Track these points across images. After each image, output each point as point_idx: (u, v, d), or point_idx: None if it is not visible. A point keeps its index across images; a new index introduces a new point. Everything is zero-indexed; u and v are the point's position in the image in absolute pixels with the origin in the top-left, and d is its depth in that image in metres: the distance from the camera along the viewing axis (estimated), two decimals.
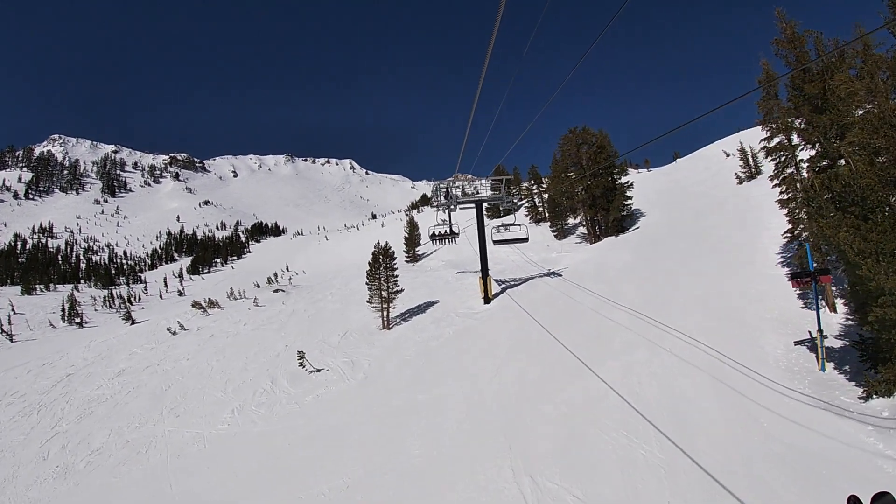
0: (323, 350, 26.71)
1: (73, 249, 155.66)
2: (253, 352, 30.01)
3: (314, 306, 39.03)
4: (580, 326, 22.19)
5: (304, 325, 33.50)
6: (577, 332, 21.61)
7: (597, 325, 22.12)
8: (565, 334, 21.20)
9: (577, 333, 21.39)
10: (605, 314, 23.23)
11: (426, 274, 42.82)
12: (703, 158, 65.28)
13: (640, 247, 36.84)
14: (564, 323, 23.01)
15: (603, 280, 29.45)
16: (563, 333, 21.30)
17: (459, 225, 34.36)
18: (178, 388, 27.04)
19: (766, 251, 27.62)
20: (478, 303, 28.91)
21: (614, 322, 22.06)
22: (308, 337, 30.14)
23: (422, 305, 31.36)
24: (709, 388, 15.72)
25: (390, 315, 28.69)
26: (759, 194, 40.41)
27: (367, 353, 24.72)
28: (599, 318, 22.92)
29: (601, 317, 22.98)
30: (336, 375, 22.60)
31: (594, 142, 47.06)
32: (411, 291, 35.91)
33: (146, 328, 44.74)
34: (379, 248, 28.11)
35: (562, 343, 19.84)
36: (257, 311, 41.41)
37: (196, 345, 35.01)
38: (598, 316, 23.19)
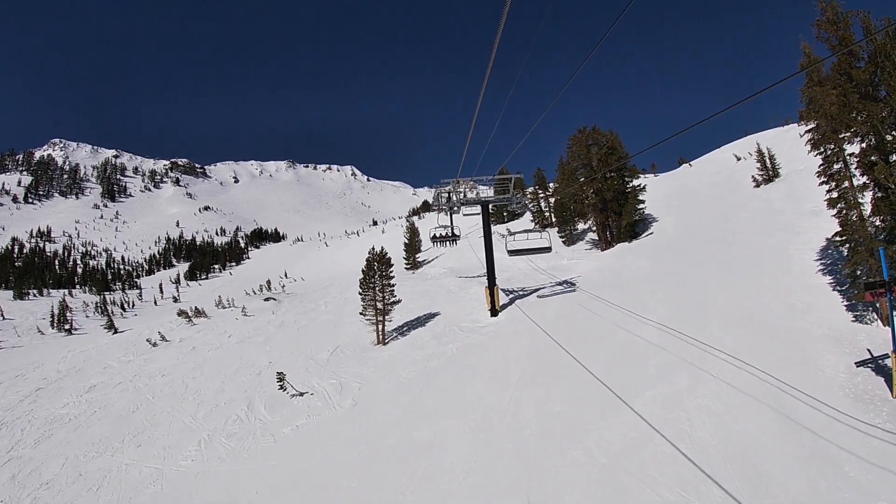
0: (309, 369, 23.46)
1: (70, 254, 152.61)
2: (233, 369, 26.79)
3: (305, 317, 35.78)
4: (604, 345, 18.95)
5: (292, 338, 30.25)
6: (601, 352, 18.38)
7: (624, 343, 18.90)
8: (588, 355, 18.00)
9: (602, 354, 18.17)
10: (631, 330, 20.04)
11: (426, 282, 39.61)
12: (711, 162, 62.18)
13: (659, 253, 33.66)
14: (585, 341, 19.78)
15: (623, 290, 26.27)
16: (585, 354, 18.10)
17: (461, 228, 31.63)
18: (147, 411, 23.91)
19: (802, 258, 24.56)
20: (484, 315, 25.69)
21: (643, 340, 18.86)
22: (295, 352, 26.91)
23: (421, 318, 28.11)
24: (773, 426, 12.64)
25: (386, 329, 25.46)
26: (779, 197, 37.62)
27: (358, 373, 21.45)
28: (625, 334, 19.71)
29: (627, 333, 19.78)
30: (321, 401, 19.32)
31: (604, 142, 44.01)
32: (410, 301, 32.68)
33: (127, 338, 41.58)
34: (374, 253, 24.91)
35: (585, 367, 16.64)
36: (245, 321, 38.17)
37: (175, 358, 31.84)
38: (624, 332, 19.99)
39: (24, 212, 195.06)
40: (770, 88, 5.51)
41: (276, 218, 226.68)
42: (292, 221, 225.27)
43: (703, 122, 6.38)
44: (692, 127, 7.06)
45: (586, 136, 44.19)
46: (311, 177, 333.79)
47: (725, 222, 37.29)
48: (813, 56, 20.87)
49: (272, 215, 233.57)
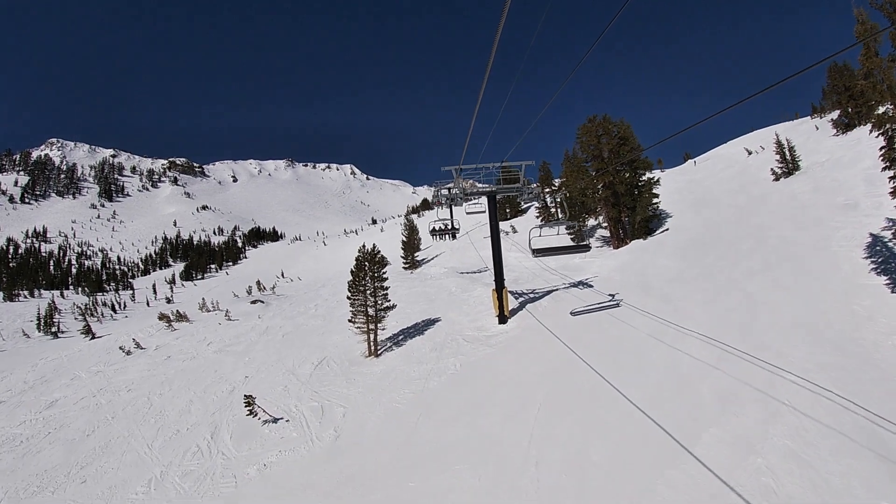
0: (288, 386, 19.88)
1: (66, 254, 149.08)
2: (205, 384, 23.29)
3: (292, 322, 32.20)
4: (642, 364, 15.36)
5: (274, 348, 26.69)
6: (639, 373, 14.80)
7: (666, 361, 15.32)
8: (624, 377, 14.44)
9: (640, 376, 14.59)
10: (672, 343, 16.50)
11: (426, 283, 36.01)
12: (718, 158, 58.73)
13: (683, 251, 30.13)
14: (617, 357, 16.19)
15: (651, 293, 22.72)
16: (619, 375, 14.54)
17: (460, 223, 28.42)
18: (103, 434, 20.51)
19: (850, 256, 21.17)
20: (491, 322, 22.09)
21: (690, 357, 15.31)
22: (275, 365, 23.34)
23: (419, 324, 24.52)
24: (880, 475, 9.22)
25: (379, 338, 21.90)
26: (804, 190, 34.38)
27: (343, 394, 17.84)
28: (665, 349, 16.14)
29: (667, 348, 16.21)
30: (297, 431, 15.73)
31: (616, 132, 40.41)
32: (407, 305, 29.11)
33: (104, 345, 38.11)
34: (365, 252, 21.30)
35: (624, 394, 13.05)
36: (228, 326, 34.60)
37: (146, 370, 28.36)
38: (663, 346, 16.43)
39: (20, 212, 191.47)
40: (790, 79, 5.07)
41: (275, 217, 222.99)
42: (291, 220, 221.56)
43: (713, 118, 6.16)
44: (705, 120, 6.71)
45: (597, 126, 40.64)
46: (310, 176, 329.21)
47: (750, 217, 33.97)
48: (870, 24, 17.45)
49: (271, 214, 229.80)
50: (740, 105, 5.78)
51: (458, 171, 20.49)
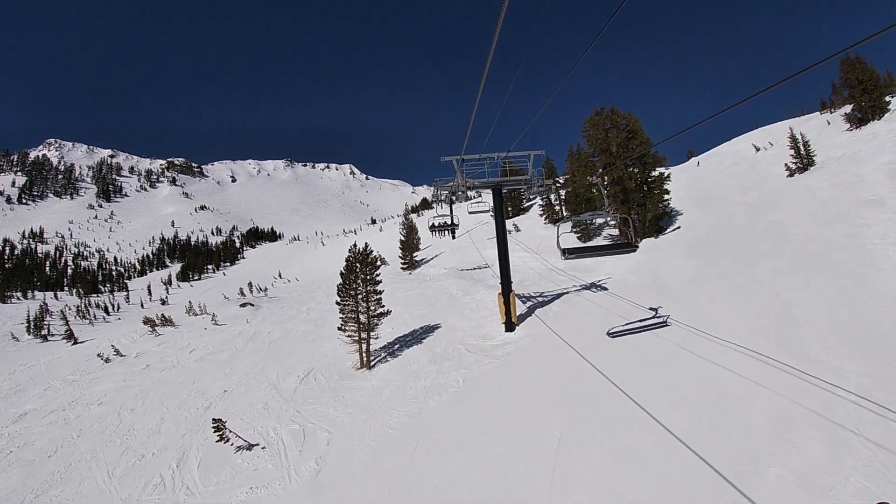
0: (269, 404, 17.62)
1: (62, 255, 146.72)
2: (180, 398, 21.09)
3: (281, 327, 29.92)
4: (674, 380, 13.11)
5: (259, 356, 24.43)
6: (672, 391, 12.56)
7: (701, 377, 13.08)
8: (654, 396, 12.22)
9: (674, 395, 12.36)
10: (705, 354, 14.26)
11: (424, 285, 33.74)
12: (722, 155, 56.45)
13: (698, 250, 27.93)
14: (644, 372, 13.94)
15: (671, 296, 20.51)
16: (649, 394, 12.32)
17: (459, 218, 26.37)
18: (65, 455, 18.40)
19: (887, 254, 19.01)
20: (496, 329, 19.82)
21: (729, 371, 13.09)
22: (258, 377, 21.09)
23: (417, 332, 22.25)
24: None
25: (372, 347, 19.65)
26: (822, 186, 32.28)
27: (329, 415, 15.57)
28: (699, 362, 13.90)
29: (700, 360, 13.97)
30: (273, 461, 13.47)
31: (624, 125, 38.15)
32: (405, 309, 26.86)
33: (84, 351, 35.85)
34: (356, 252, 19.03)
35: (658, 420, 10.83)
36: (213, 332, 32.31)
37: (122, 380, 26.19)
38: (695, 358, 14.19)
39: (17, 213, 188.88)
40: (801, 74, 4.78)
41: (274, 217, 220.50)
42: (290, 220, 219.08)
43: (725, 112, 5.97)
44: (716, 115, 6.43)
45: (604, 119, 38.37)
46: (310, 175, 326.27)
47: (766, 214, 31.81)
48: None
49: (270, 214, 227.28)
50: (743, 102, 5.67)
51: (459, 161, 18.24)
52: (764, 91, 5.30)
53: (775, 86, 5.06)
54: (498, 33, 4.92)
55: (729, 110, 5.81)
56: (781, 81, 4.98)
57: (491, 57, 5.51)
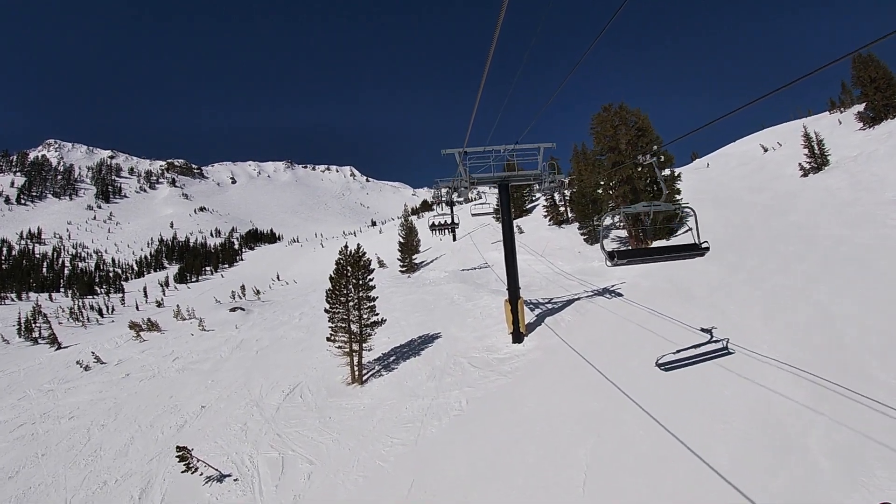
0: (248, 424, 15.59)
1: (59, 256, 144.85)
2: (155, 413, 19.10)
3: (271, 334, 27.89)
4: (718, 407, 11.10)
5: (244, 367, 22.41)
6: (717, 420, 10.57)
7: (749, 403, 11.09)
8: (697, 426, 10.25)
9: (719, 425, 10.37)
10: (746, 374, 12.30)
11: (424, 288, 31.72)
12: (731, 156, 54.62)
13: (718, 253, 25.88)
14: (676, 394, 11.94)
15: (695, 305, 18.53)
16: (689, 423, 10.35)
17: (460, 218, 24.51)
18: (25, 478, 16.62)
19: None
20: (503, 340, 17.78)
21: (777, 394, 11.16)
22: (240, 391, 19.06)
23: (415, 342, 20.21)
24: None
25: (365, 359, 17.62)
26: (841, 186, 30.66)
27: (313, 441, 13.52)
28: (742, 384, 11.91)
29: (744, 381, 11.99)
30: (245, 496, 11.44)
31: (634, 122, 36.20)
32: (402, 316, 24.86)
33: (66, 357, 33.83)
34: (347, 254, 17.03)
35: (707, 463, 8.85)
36: (200, 338, 30.29)
37: (98, 391, 24.22)
38: (737, 379, 12.20)
39: (15, 213, 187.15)
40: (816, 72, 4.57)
41: (274, 219, 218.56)
42: (290, 222, 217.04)
43: (739, 111, 5.62)
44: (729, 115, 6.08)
45: (612, 115, 36.44)
46: (310, 177, 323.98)
47: (785, 215, 29.97)
48: None
49: (269, 216, 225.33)
50: (755, 103, 5.38)
51: (461, 155, 16.26)
52: (777, 91, 5.06)
53: (788, 86, 4.76)
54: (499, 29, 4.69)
55: (741, 110, 5.55)
56: (795, 81, 4.70)
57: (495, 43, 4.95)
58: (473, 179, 16.68)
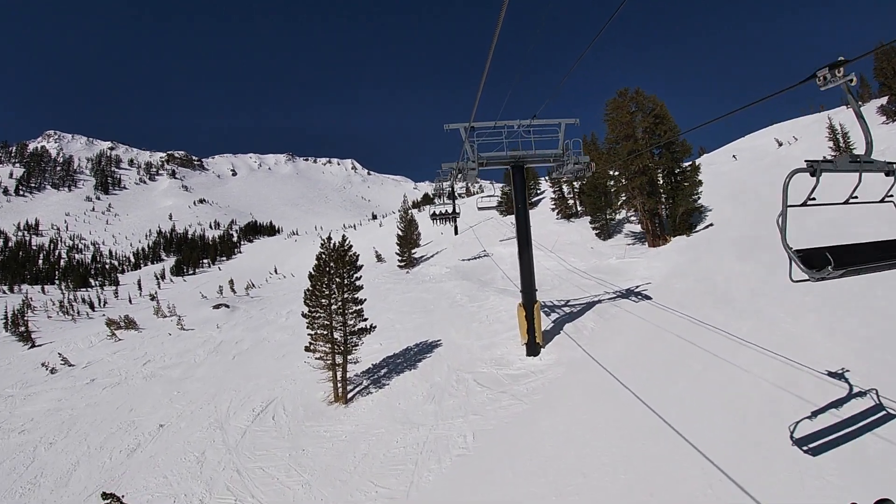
0: (206, 454, 12.73)
1: (56, 247, 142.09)
2: (109, 432, 16.35)
3: (253, 335, 25.04)
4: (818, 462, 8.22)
5: (217, 375, 19.57)
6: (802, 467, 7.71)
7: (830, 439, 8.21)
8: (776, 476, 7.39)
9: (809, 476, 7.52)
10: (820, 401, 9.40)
11: (423, 286, 28.81)
12: (741, 151, 51.49)
13: (750, 252, 23.00)
14: (742, 430, 9.08)
15: (737, 311, 15.67)
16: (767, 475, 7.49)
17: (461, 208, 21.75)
18: None
19: None
20: (515, 352, 14.87)
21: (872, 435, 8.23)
22: (206, 407, 16.21)
23: (411, 350, 17.32)
24: None
25: (352, 371, 14.74)
26: (874, 180, 27.08)
27: (279, 483, 10.63)
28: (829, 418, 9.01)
29: (832, 418, 9.07)
30: None
31: (651, 108, 33.19)
32: (398, 317, 22.00)
33: (37, 357, 31.08)
34: (330, 247, 14.12)
35: None
36: (178, 338, 27.46)
37: (57, 399, 21.50)
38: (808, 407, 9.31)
39: (14, 204, 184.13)
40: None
41: (274, 211, 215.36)
42: (290, 215, 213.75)
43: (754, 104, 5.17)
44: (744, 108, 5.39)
45: (628, 101, 33.39)
46: (311, 170, 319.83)
47: (818, 211, 26.72)
48: None
49: (270, 209, 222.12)
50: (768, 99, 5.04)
51: (467, 130, 13.32)
52: (794, 87, 4.55)
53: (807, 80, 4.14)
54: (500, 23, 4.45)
55: (758, 104, 5.04)
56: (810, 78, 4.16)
57: None
58: (482, 160, 13.72)
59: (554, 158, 14.39)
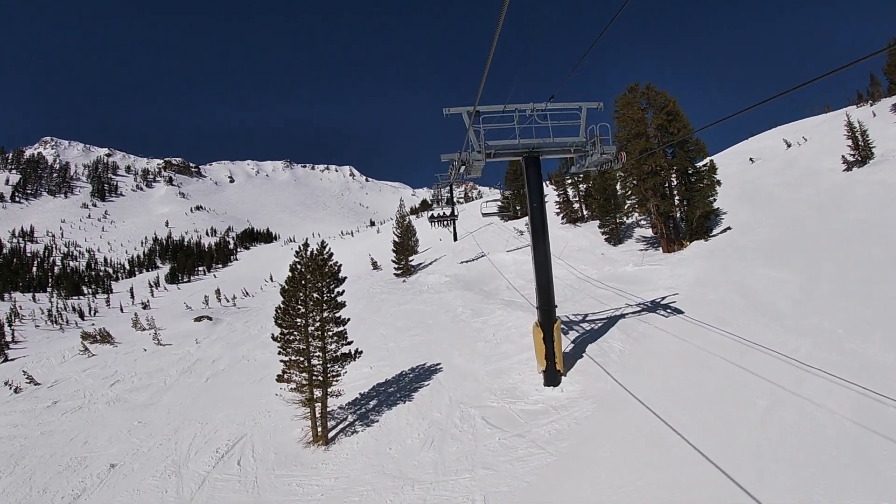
0: None
1: (51, 255, 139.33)
2: (55, 471, 13.84)
3: (233, 352, 22.48)
4: None
5: (184, 402, 16.99)
6: None
7: None
8: None
9: None
10: None
11: (421, 296, 26.28)
12: (747, 153, 49.37)
13: (782, 257, 20.70)
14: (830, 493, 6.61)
15: (786, 327, 13.32)
16: None
17: (460, 212, 19.21)
18: None
19: None
20: (530, 380, 12.36)
21: None
22: (165, 443, 13.67)
23: (406, 377, 14.78)
24: None
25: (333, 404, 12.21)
26: None
27: None
28: None
29: None
30: None
31: (662, 104, 30.92)
32: (393, 334, 19.46)
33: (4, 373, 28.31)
34: (306, 256, 11.65)
35: None
36: (153, 354, 24.88)
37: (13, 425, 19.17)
38: None
39: (9, 211, 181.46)
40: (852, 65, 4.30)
41: (272, 218, 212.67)
42: (288, 222, 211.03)
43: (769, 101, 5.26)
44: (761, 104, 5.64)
45: (639, 96, 31.17)
46: (309, 177, 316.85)
47: (843, 213, 24.96)
48: None
49: (267, 216, 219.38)
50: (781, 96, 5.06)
51: (472, 115, 10.92)
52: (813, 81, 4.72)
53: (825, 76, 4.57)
54: None
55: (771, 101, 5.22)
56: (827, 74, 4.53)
57: None
58: (490, 149, 11.28)
59: (575, 148, 11.96)
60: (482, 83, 6.78)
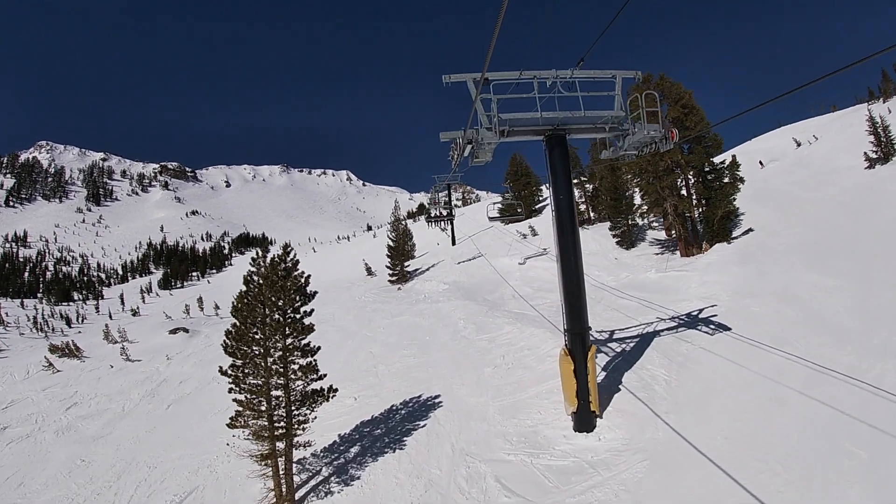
0: None
1: (44, 260, 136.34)
2: None
3: (202, 372, 19.66)
4: None
5: (137, 435, 14.26)
6: None
7: None
8: None
9: None
10: None
11: (417, 306, 23.56)
12: (754, 153, 46.87)
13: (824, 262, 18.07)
14: None
15: (865, 349, 10.74)
16: None
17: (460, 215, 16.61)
18: None
19: None
20: (554, 420, 9.66)
21: None
22: (106, 490, 10.98)
23: (398, 412, 12.02)
24: None
25: (301, 453, 9.50)
26: None
27: None
28: None
29: None
30: None
31: (677, 97, 28.42)
32: (384, 353, 16.71)
33: None
34: (263, 264, 8.95)
35: None
36: (119, 371, 22.10)
37: None
38: None
39: (3, 215, 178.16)
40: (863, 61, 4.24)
41: (268, 223, 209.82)
42: (285, 227, 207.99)
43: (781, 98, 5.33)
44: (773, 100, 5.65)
45: (653, 87, 28.59)
46: (306, 181, 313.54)
47: (878, 212, 22.51)
48: None
49: (264, 220, 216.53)
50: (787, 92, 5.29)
51: (478, 83, 8.32)
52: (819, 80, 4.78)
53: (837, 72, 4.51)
54: None
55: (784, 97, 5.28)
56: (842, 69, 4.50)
57: None
58: (505, 125, 8.65)
59: (610, 126, 9.34)
60: (493, 41, 4.96)
